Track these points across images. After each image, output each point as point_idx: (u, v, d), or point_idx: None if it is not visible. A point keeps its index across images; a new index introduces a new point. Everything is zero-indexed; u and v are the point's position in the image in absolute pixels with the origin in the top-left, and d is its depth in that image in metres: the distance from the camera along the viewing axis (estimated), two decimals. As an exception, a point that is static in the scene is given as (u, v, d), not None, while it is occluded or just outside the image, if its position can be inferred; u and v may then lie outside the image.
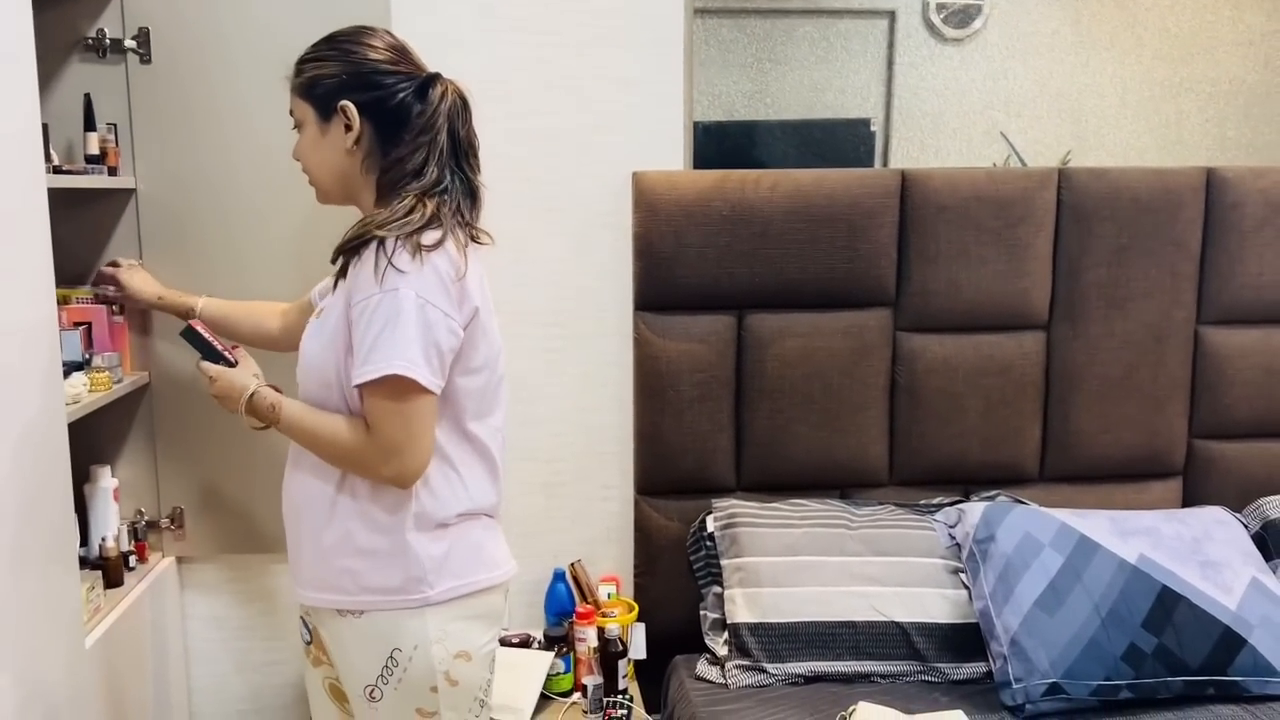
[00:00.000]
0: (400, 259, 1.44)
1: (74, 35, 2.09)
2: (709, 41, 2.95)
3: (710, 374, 2.34)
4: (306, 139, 1.60)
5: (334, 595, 1.55)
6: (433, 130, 1.54)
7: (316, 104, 1.56)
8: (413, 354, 1.43)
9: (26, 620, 1.58)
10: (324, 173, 1.60)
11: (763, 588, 2.18)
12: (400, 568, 1.53)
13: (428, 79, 1.57)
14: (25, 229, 1.60)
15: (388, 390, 1.45)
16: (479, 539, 1.61)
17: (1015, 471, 2.44)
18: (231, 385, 1.59)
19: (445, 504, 1.56)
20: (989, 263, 2.34)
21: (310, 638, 1.69)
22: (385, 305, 1.43)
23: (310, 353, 1.56)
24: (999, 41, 3.97)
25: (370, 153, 1.56)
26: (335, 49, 1.56)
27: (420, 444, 1.49)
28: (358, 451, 1.49)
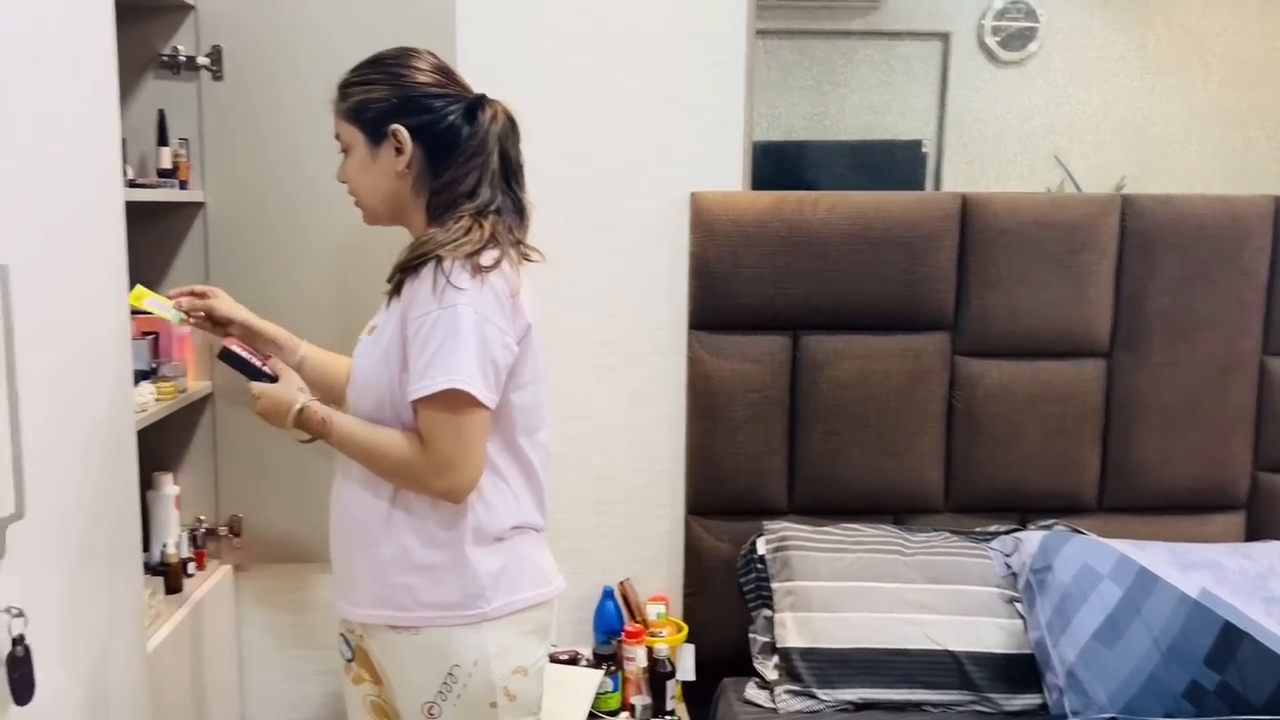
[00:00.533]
0: (459, 277, 1.45)
1: (150, 52, 2.15)
2: (770, 64, 2.96)
3: (764, 394, 2.33)
4: (354, 162, 1.60)
5: (391, 612, 1.55)
6: (484, 152, 1.55)
7: (365, 128, 1.56)
8: (470, 369, 1.45)
9: (91, 623, 1.62)
10: (373, 195, 1.60)
11: (814, 612, 2.16)
12: (458, 583, 1.53)
13: (476, 101, 1.58)
14: (102, 241, 1.64)
15: (444, 404, 1.46)
16: (531, 554, 1.62)
17: (1073, 500, 2.40)
18: (278, 401, 1.57)
19: (499, 517, 1.56)
20: (1050, 288, 2.32)
21: (352, 655, 1.69)
22: (444, 321, 1.44)
23: (363, 369, 1.57)
24: (1061, 66, 3.93)
25: (421, 175, 1.57)
26: (382, 72, 1.57)
27: (473, 459, 1.49)
28: (411, 465, 1.50)
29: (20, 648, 1.35)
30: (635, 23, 2.29)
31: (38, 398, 1.42)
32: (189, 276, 2.21)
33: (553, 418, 2.34)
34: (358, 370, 1.59)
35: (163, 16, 2.14)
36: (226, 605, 2.35)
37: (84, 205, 1.57)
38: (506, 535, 1.58)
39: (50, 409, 1.47)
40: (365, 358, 1.57)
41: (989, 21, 4.04)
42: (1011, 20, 4.05)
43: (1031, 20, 4.04)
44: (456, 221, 1.50)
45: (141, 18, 2.12)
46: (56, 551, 1.50)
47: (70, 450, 1.53)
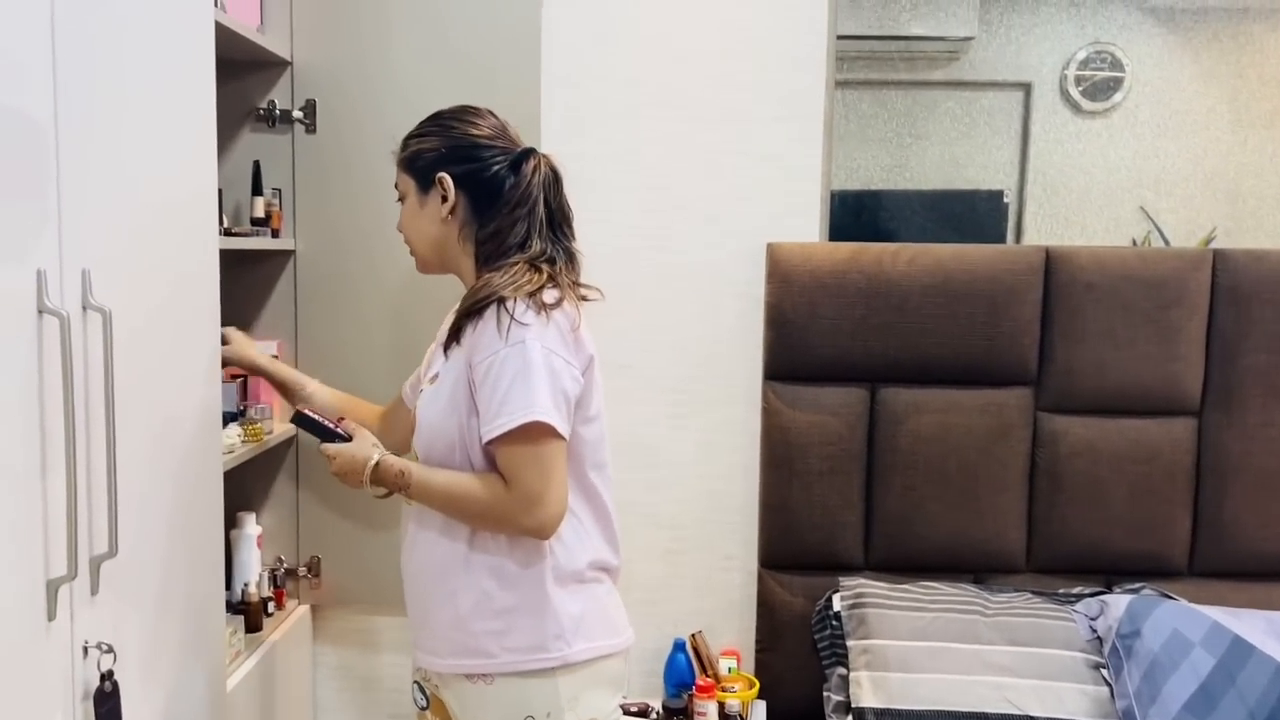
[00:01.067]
0: (523, 314, 1.48)
1: (248, 106, 2.23)
2: (848, 116, 2.97)
3: (840, 447, 2.31)
4: (407, 210, 1.67)
5: (475, 660, 1.55)
6: (529, 202, 1.59)
7: (416, 176, 1.64)
8: (545, 402, 1.47)
9: (174, 660, 1.65)
10: (422, 242, 1.66)
11: (890, 672, 2.11)
12: (538, 625, 1.53)
13: (522, 153, 1.62)
14: (198, 287, 1.70)
15: (523, 439, 1.48)
16: (606, 602, 1.62)
17: (1162, 564, 2.32)
18: (353, 459, 1.60)
19: (575, 554, 1.57)
20: (1138, 344, 2.26)
21: (427, 704, 1.69)
22: (512, 358, 1.47)
23: (430, 418, 1.59)
24: (1148, 118, 3.87)
25: (466, 223, 1.62)
26: (438, 125, 1.65)
27: (559, 490, 1.51)
28: (498, 505, 1.51)
29: (109, 683, 1.39)
30: (715, 75, 2.31)
31: (133, 439, 1.47)
32: (279, 321, 2.29)
33: (626, 465, 2.38)
34: (424, 420, 1.61)
35: (261, 72, 2.23)
36: (303, 646, 2.38)
37: (182, 252, 1.64)
38: (585, 575, 1.58)
39: (144, 450, 1.52)
40: (430, 407, 1.59)
41: (1072, 71, 4.00)
42: (1095, 70, 4.00)
43: (1116, 70, 3.99)
44: (512, 267, 1.54)
45: (241, 73, 2.21)
46: (144, 589, 1.54)
47: (161, 490, 1.58)
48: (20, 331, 1.22)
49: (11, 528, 1.22)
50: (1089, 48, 4.01)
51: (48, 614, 1.29)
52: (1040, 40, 4.02)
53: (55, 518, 1.29)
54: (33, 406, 1.25)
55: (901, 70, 3.70)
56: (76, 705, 1.36)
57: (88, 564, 1.36)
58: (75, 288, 1.32)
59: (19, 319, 1.22)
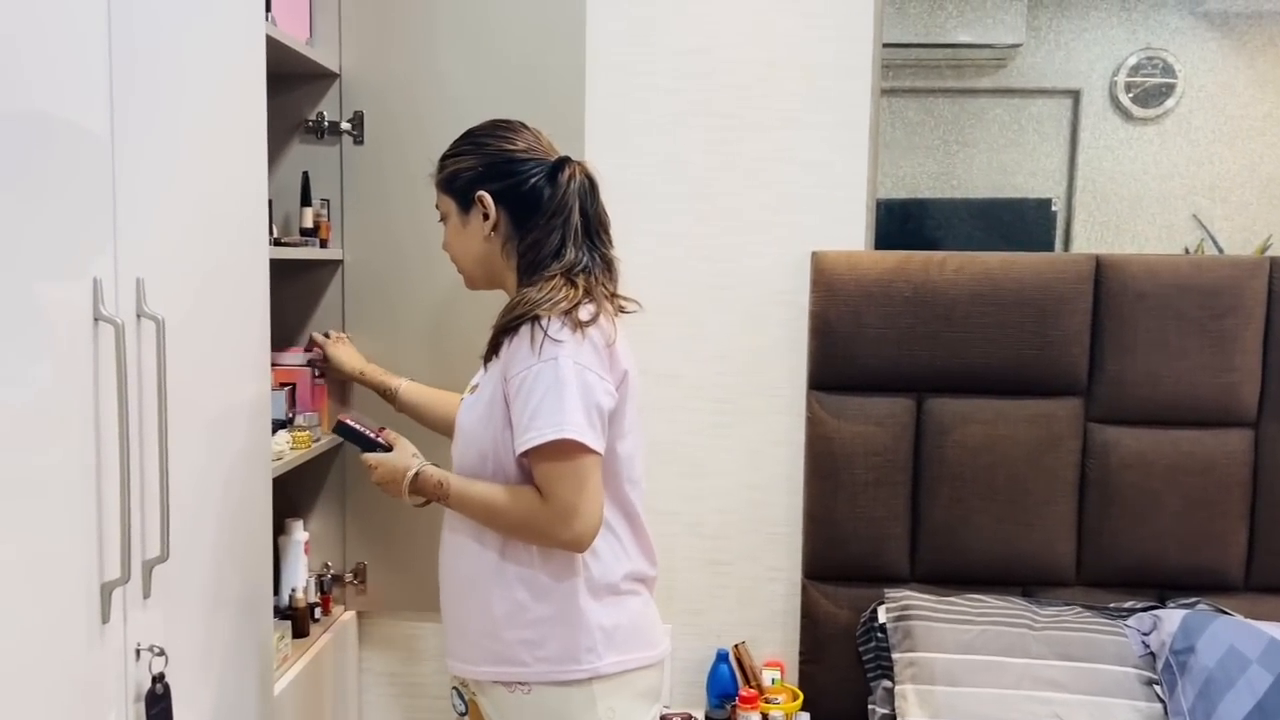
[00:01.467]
0: (558, 331, 1.49)
1: (297, 118, 2.27)
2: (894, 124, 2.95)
3: (886, 458, 2.29)
4: (451, 229, 1.69)
5: (506, 668, 1.56)
6: (565, 211, 1.59)
7: (456, 196, 1.65)
8: (577, 418, 1.47)
9: (224, 663, 1.67)
10: (467, 260, 1.68)
11: (937, 685, 2.08)
12: (571, 636, 1.54)
13: (557, 163, 1.63)
14: (248, 295, 1.72)
15: (557, 454, 1.49)
16: (641, 614, 1.62)
17: (1217, 578, 2.27)
18: (394, 469, 1.64)
19: (609, 567, 1.58)
20: (1191, 354, 2.22)
21: (465, 709, 1.71)
22: (545, 374, 1.48)
23: (466, 426, 1.61)
24: (1201, 124, 3.81)
25: (509, 238, 1.63)
26: (471, 144, 1.66)
27: (594, 504, 1.51)
28: (534, 518, 1.52)
29: (160, 685, 1.41)
30: (759, 84, 2.31)
31: (185, 445, 1.50)
32: (326, 329, 2.31)
33: (669, 475, 2.38)
34: (461, 427, 1.63)
35: (309, 84, 2.26)
36: (349, 651, 2.40)
37: (233, 262, 1.66)
38: (620, 587, 1.58)
39: (195, 456, 1.54)
40: (468, 415, 1.62)
41: (1122, 78, 3.95)
42: (1146, 76, 3.94)
43: (1168, 76, 3.93)
44: (548, 281, 1.55)
45: (290, 86, 2.24)
46: (195, 593, 1.57)
47: (211, 496, 1.60)
48: (77, 339, 1.25)
49: (67, 531, 1.25)
50: (1140, 53, 3.95)
51: (102, 616, 1.31)
52: (1090, 46, 3.97)
53: (109, 522, 1.31)
54: (88, 412, 1.27)
55: (948, 78, 3.67)
56: (129, 706, 1.38)
57: (140, 568, 1.39)
58: (130, 296, 1.35)
59: (76, 326, 1.25)
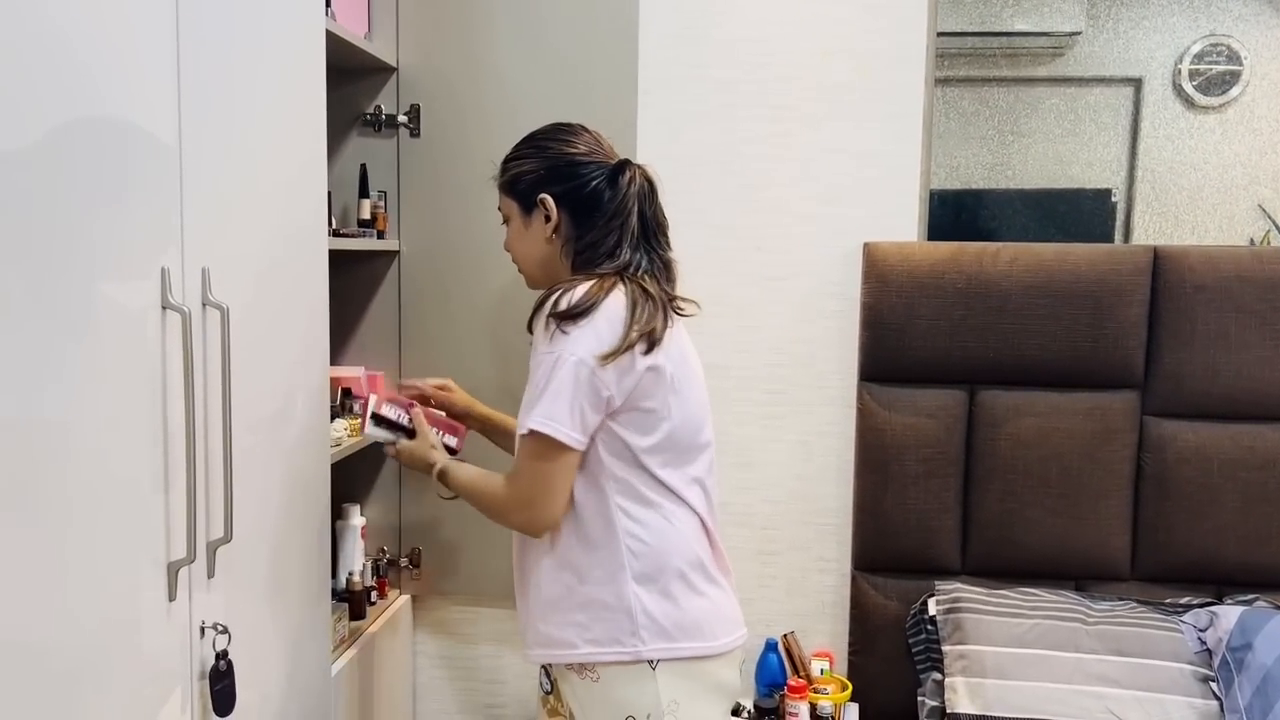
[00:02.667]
0: (565, 322, 1.51)
1: (355, 111, 2.31)
2: (949, 114, 2.92)
3: (937, 450, 2.28)
4: (513, 232, 1.71)
5: (558, 650, 1.60)
6: (623, 213, 1.61)
7: (519, 199, 1.67)
8: (558, 412, 1.51)
9: (283, 643, 1.72)
10: (529, 261, 1.71)
11: (987, 678, 2.08)
12: (614, 619, 1.57)
13: (618, 165, 1.64)
14: (308, 285, 1.77)
15: (534, 444, 1.54)
16: (703, 604, 1.61)
17: (1277, 575, 2.22)
18: (416, 460, 1.80)
19: (658, 553, 1.58)
20: (1252, 347, 2.18)
21: (551, 688, 1.73)
22: (545, 363, 1.52)
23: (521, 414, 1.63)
24: (1266, 112, 3.72)
25: (568, 239, 1.65)
26: (533, 147, 1.67)
27: (554, 497, 1.56)
28: (495, 499, 1.64)
29: (223, 662, 1.46)
30: (812, 74, 2.30)
31: (247, 430, 1.54)
32: (383, 319, 2.36)
33: (720, 466, 2.37)
34: None
35: (368, 78, 2.31)
36: (404, 634, 2.45)
37: (294, 252, 1.71)
38: (673, 575, 1.59)
39: (257, 441, 1.59)
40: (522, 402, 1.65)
41: (1186, 65, 3.86)
42: (1211, 64, 3.86)
43: (1234, 63, 3.84)
44: (588, 278, 1.57)
45: (349, 80, 2.29)
46: (257, 574, 1.61)
47: (273, 480, 1.65)
48: (146, 326, 1.30)
49: (137, 511, 1.30)
50: (1204, 40, 3.87)
51: (168, 594, 1.36)
52: (1150, 33, 3.90)
53: (176, 503, 1.36)
54: (157, 397, 1.32)
55: (1004, 67, 3.62)
56: (194, 682, 1.44)
57: (205, 548, 1.44)
58: (196, 285, 1.39)
59: (145, 314, 1.29)
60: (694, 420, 1.63)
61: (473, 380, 2.22)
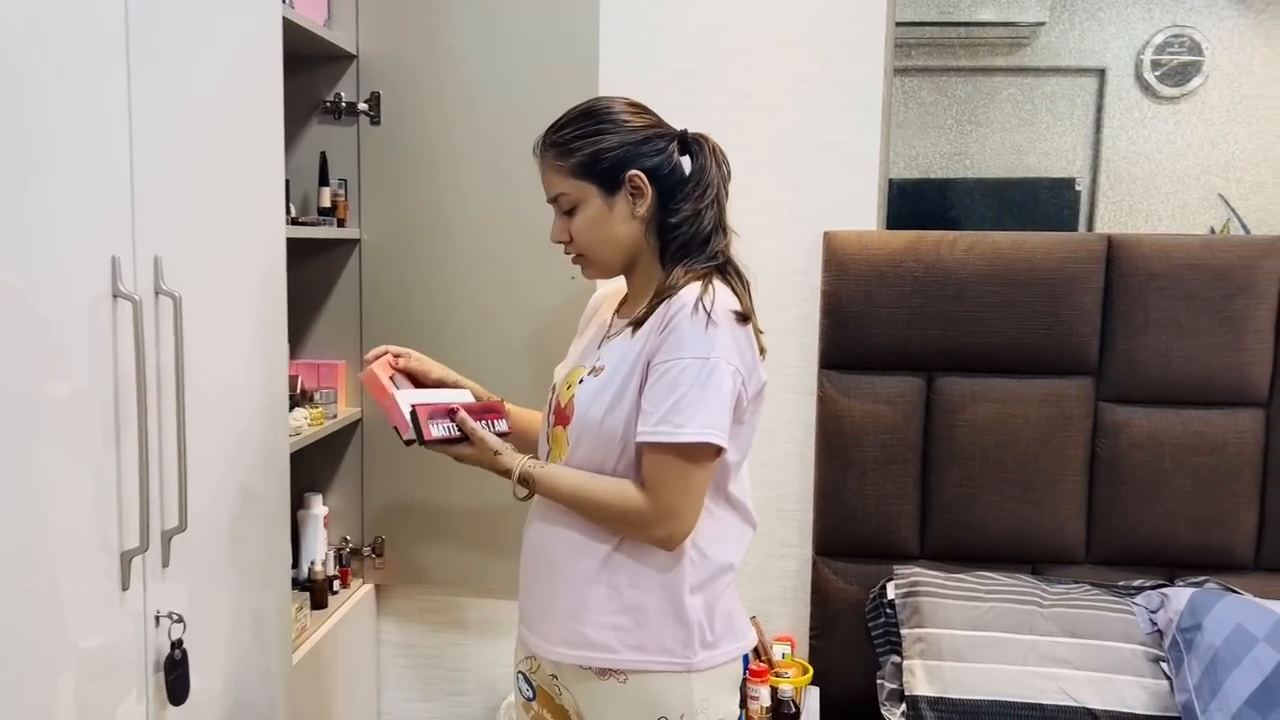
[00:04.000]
0: (717, 326, 1.43)
1: (315, 99, 2.30)
2: (908, 104, 2.94)
3: (896, 436, 2.30)
4: (587, 217, 1.53)
5: (590, 653, 1.51)
6: (712, 191, 1.53)
7: (600, 179, 1.51)
8: (723, 421, 1.42)
9: (242, 633, 1.72)
10: (610, 247, 1.55)
11: (944, 661, 2.11)
12: (668, 629, 1.50)
13: (686, 137, 1.55)
14: (265, 274, 1.76)
15: (683, 454, 1.43)
16: (734, 607, 1.59)
17: (1226, 557, 2.27)
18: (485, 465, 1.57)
19: (715, 563, 1.53)
20: (1202, 334, 2.21)
21: (534, 695, 1.66)
22: (697, 368, 1.41)
23: (594, 413, 1.51)
24: (1219, 103, 3.77)
25: (653, 217, 1.53)
26: (604, 121, 1.52)
27: (696, 507, 1.46)
28: (632, 512, 1.47)
29: (179, 651, 1.46)
30: (772, 64, 2.31)
31: (203, 419, 1.54)
32: (344, 308, 2.35)
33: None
34: (584, 410, 1.52)
35: (327, 65, 2.29)
36: (367, 623, 2.45)
37: (250, 240, 1.70)
38: (718, 582, 1.54)
39: (213, 430, 1.58)
40: (594, 400, 1.51)
41: (1148, 56, 3.91)
42: (1173, 55, 3.90)
43: (1195, 54, 3.88)
44: (696, 275, 1.48)
45: (308, 67, 2.27)
46: (214, 563, 1.61)
47: (229, 469, 1.65)
48: (96, 315, 1.29)
49: (88, 501, 1.29)
50: (1166, 31, 3.92)
51: (121, 584, 1.36)
52: (1113, 24, 3.94)
53: (129, 492, 1.36)
54: (108, 387, 1.32)
55: (962, 57, 3.65)
56: (149, 672, 1.43)
57: (159, 537, 1.43)
58: (148, 273, 1.39)
59: (94, 303, 1.29)
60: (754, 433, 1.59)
61: (434, 369, 2.22)
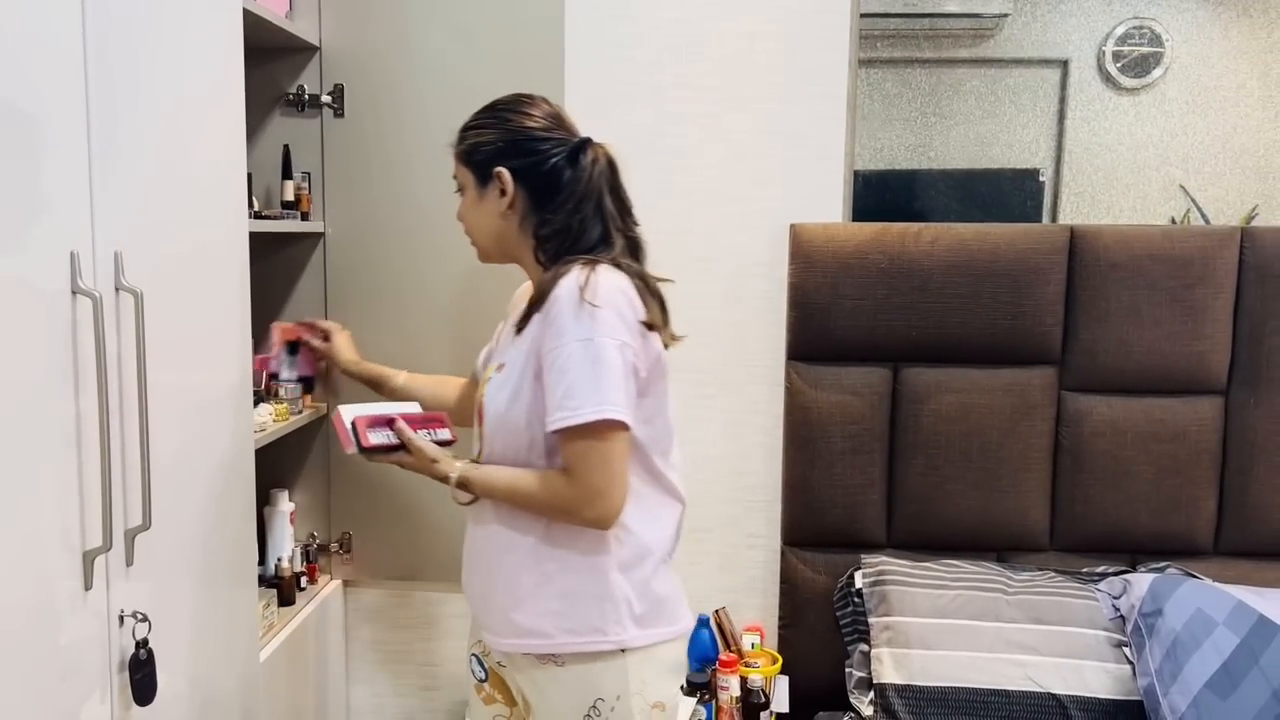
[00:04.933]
0: (594, 308, 1.47)
1: (277, 91, 2.28)
2: (872, 96, 2.95)
3: (863, 426, 2.32)
4: (467, 202, 1.66)
5: (532, 640, 1.56)
6: (593, 195, 1.59)
7: (475, 170, 1.62)
8: (616, 396, 1.46)
9: (209, 631, 1.71)
10: (482, 234, 1.66)
11: (912, 649, 2.13)
12: (598, 609, 1.54)
13: (579, 144, 1.61)
14: (227, 268, 1.74)
15: (590, 434, 1.47)
16: (668, 590, 1.62)
17: (1187, 543, 2.31)
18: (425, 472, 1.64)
19: (644, 543, 1.57)
20: (1163, 324, 2.25)
21: (485, 676, 1.71)
22: (582, 350, 1.46)
23: (499, 409, 1.57)
24: (1178, 95, 3.82)
25: (526, 215, 1.61)
26: (494, 117, 1.62)
27: (620, 484, 1.50)
28: (560, 499, 1.51)
29: (144, 651, 1.45)
30: (737, 56, 2.32)
31: (165, 417, 1.52)
32: (309, 302, 2.33)
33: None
34: (492, 412, 1.59)
35: (289, 57, 2.27)
36: (336, 619, 2.44)
37: (212, 235, 1.68)
38: (651, 562, 1.58)
39: (176, 427, 1.56)
40: (498, 397, 1.58)
41: (1110, 48, 3.94)
42: (1134, 46, 3.94)
43: (1156, 46, 3.93)
44: (577, 263, 1.53)
45: (270, 59, 2.25)
46: (179, 562, 1.60)
47: (193, 466, 1.63)
48: (54, 312, 1.27)
49: (49, 501, 1.28)
50: (1127, 23, 3.95)
51: (84, 584, 1.34)
52: (1075, 15, 3.97)
53: (91, 491, 1.34)
54: (68, 384, 1.30)
55: (926, 49, 3.67)
56: (113, 673, 1.42)
57: (123, 536, 1.42)
58: (108, 269, 1.37)
59: (53, 300, 1.27)
60: (673, 409, 1.64)
61: (401, 359, 2.20)
